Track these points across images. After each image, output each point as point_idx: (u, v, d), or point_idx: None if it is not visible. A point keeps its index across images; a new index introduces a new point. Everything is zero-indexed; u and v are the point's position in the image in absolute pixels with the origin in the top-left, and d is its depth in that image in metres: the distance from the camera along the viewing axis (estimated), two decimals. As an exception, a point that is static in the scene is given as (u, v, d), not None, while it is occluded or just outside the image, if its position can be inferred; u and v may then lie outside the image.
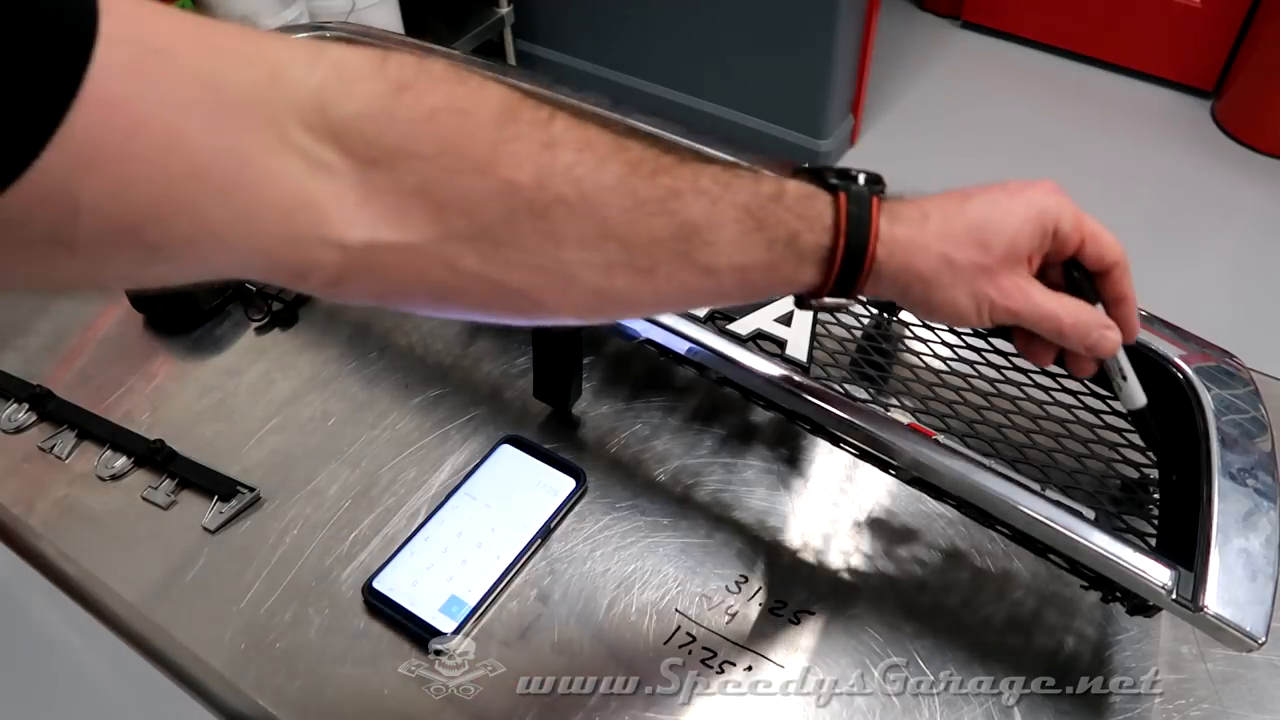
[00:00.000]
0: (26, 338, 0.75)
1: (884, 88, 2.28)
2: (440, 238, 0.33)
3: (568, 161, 0.34)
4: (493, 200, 0.34)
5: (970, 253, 0.41)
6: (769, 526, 0.62)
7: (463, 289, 0.35)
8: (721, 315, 0.59)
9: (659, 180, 0.37)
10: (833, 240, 0.39)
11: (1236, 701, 0.53)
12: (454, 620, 0.56)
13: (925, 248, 0.41)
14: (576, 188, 0.35)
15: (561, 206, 0.34)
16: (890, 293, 0.42)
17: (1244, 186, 2.07)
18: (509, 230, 0.34)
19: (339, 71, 0.31)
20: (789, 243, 0.39)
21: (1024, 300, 0.42)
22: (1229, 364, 0.55)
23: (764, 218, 0.38)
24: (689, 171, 0.37)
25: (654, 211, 0.36)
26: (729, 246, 0.38)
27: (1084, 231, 0.43)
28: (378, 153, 0.32)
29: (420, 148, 0.32)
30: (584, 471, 0.63)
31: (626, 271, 0.37)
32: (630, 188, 0.36)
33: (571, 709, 0.53)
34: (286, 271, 0.33)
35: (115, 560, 0.61)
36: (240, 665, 0.55)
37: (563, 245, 0.35)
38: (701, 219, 0.37)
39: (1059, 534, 0.47)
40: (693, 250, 0.37)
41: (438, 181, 0.33)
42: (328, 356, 0.73)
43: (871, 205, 0.40)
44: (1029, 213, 0.42)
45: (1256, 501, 0.48)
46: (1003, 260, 0.41)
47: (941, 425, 0.56)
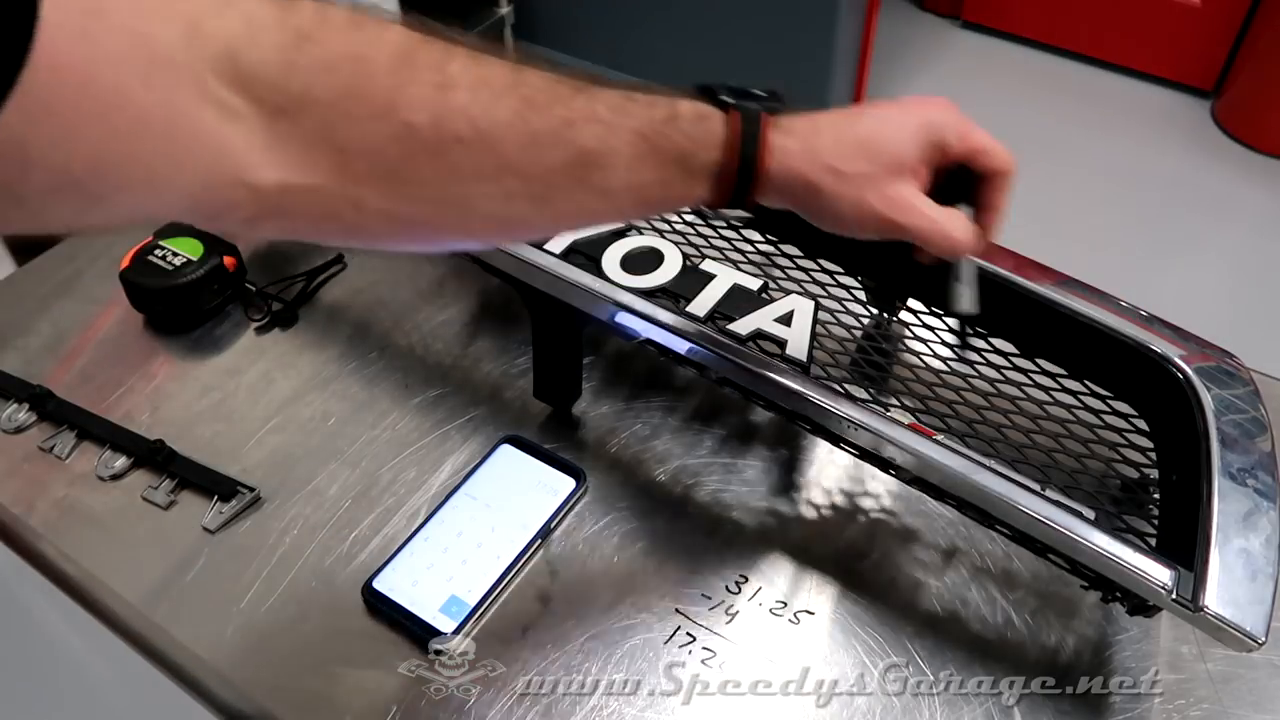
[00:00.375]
0: (26, 338, 0.75)
1: (884, 88, 2.28)
2: (344, 180, 0.35)
3: (463, 101, 0.36)
4: (392, 143, 0.35)
5: (858, 164, 0.44)
6: (769, 526, 0.62)
7: (369, 225, 0.38)
8: (722, 315, 0.59)
9: (555, 111, 0.38)
10: (725, 156, 0.42)
11: (1236, 701, 0.53)
12: (454, 620, 0.56)
13: (814, 159, 0.43)
14: (473, 126, 0.36)
15: (459, 145, 0.36)
16: (781, 202, 0.45)
17: (1244, 186, 2.07)
18: (409, 169, 0.36)
19: (248, 23, 0.33)
20: (683, 162, 0.42)
21: (910, 210, 0.44)
22: (1229, 364, 0.55)
23: (658, 140, 0.41)
24: (584, 100, 0.39)
25: (550, 143, 0.38)
26: (624, 170, 0.40)
27: (971, 144, 0.46)
28: (283, 101, 0.33)
29: (322, 95, 0.34)
30: (584, 471, 0.63)
31: (525, 199, 0.39)
32: (526, 122, 0.38)
33: (571, 709, 0.53)
34: (205, 213, 0.35)
35: (115, 560, 0.61)
36: (240, 665, 0.55)
37: (462, 180, 0.37)
38: (597, 146, 0.39)
39: (1059, 534, 0.47)
40: (589, 175, 0.40)
41: (339, 127, 0.34)
42: (328, 356, 0.73)
43: (762, 121, 0.43)
44: (915, 126, 0.45)
45: (1256, 501, 0.48)
46: (889, 171, 0.44)
47: (941, 425, 0.56)
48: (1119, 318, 0.57)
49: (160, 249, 0.74)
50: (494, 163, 0.38)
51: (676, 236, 0.65)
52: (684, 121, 0.42)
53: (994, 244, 0.57)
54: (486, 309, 0.77)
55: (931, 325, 0.62)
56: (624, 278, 0.60)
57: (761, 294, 0.60)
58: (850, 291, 0.64)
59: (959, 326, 0.62)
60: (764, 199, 0.44)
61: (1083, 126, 2.23)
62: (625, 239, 0.63)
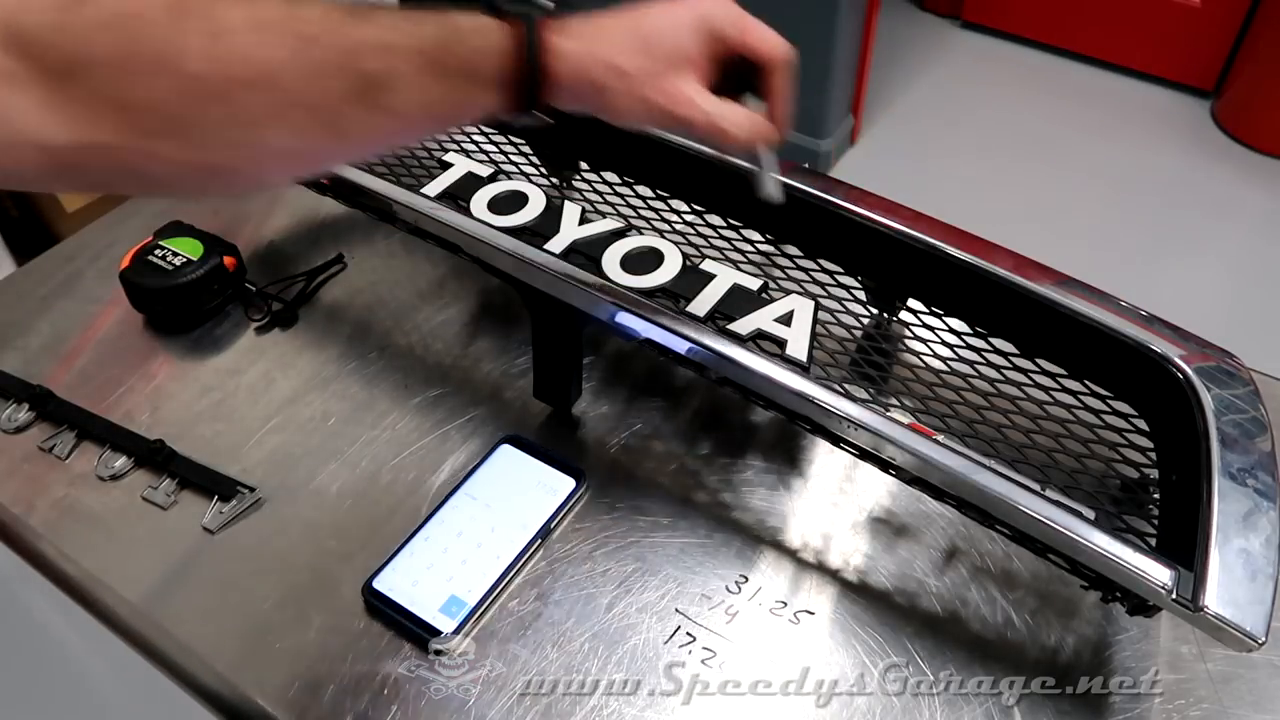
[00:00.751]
0: (26, 338, 0.75)
1: (884, 88, 2.28)
2: (134, 135, 0.36)
3: (240, 44, 0.37)
4: (174, 94, 0.36)
5: (638, 60, 0.45)
6: (769, 526, 0.62)
7: (168, 175, 0.39)
8: (722, 315, 0.59)
9: (333, 41, 0.39)
10: (509, 64, 0.43)
11: (1236, 701, 0.53)
12: (454, 620, 0.56)
13: (597, 59, 0.45)
14: (252, 67, 0.37)
15: (241, 87, 0.37)
16: (571, 103, 0.46)
17: (1244, 186, 2.07)
18: (197, 117, 0.37)
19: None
20: (468, 74, 0.42)
21: (689, 105, 0.46)
22: (1229, 364, 0.55)
23: (441, 56, 0.42)
24: (363, 27, 0.40)
25: (333, 72, 0.39)
26: (412, 89, 0.41)
27: (747, 36, 0.47)
28: (62, 62, 0.34)
29: (100, 54, 0.35)
30: (583, 472, 0.63)
31: (317, 130, 0.40)
32: (306, 55, 0.38)
33: (571, 709, 0.53)
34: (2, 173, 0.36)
35: (115, 560, 0.61)
36: (240, 665, 0.55)
37: (251, 122, 0.38)
38: (380, 69, 0.40)
39: (1059, 534, 0.47)
40: (377, 99, 0.40)
41: (120, 85, 0.36)
42: (328, 356, 0.73)
43: (541, 25, 0.44)
44: (691, 19, 0.46)
45: (1256, 501, 0.48)
46: (669, 66, 0.45)
47: (941, 425, 0.56)
48: (1119, 318, 0.57)
49: (160, 249, 0.74)
50: (280, 100, 0.38)
51: (676, 236, 0.65)
52: (465, 34, 0.43)
53: (996, 245, 0.57)
54: (486, 309, 0.77)
55: (931, 325, 0.62)
56: (624, 278, 0.60)
57: (761, 294, 0.60)
58: (850, 291, 0.64)
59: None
60: (555, 102, 0.45)
61: (1083, 126, 2.23)
62: (625, 239, 0.63)
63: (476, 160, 0.70)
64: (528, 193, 0.66)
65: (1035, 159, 2.15)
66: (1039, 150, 2.17)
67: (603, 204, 0.69)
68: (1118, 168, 2.12)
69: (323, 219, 0.85)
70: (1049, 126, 2.23)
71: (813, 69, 1.92)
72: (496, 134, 0.76)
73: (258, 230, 0.84)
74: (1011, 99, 2.32)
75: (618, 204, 0.69)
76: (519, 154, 0.75)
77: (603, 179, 0.72)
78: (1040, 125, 2.24)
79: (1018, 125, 2.25)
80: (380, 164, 0.70)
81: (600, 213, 0.66)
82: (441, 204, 0.65)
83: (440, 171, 0.69)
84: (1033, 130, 2.23)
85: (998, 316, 0.60)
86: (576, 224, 0.64)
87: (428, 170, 0.70)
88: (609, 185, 0.71)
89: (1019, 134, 2.22)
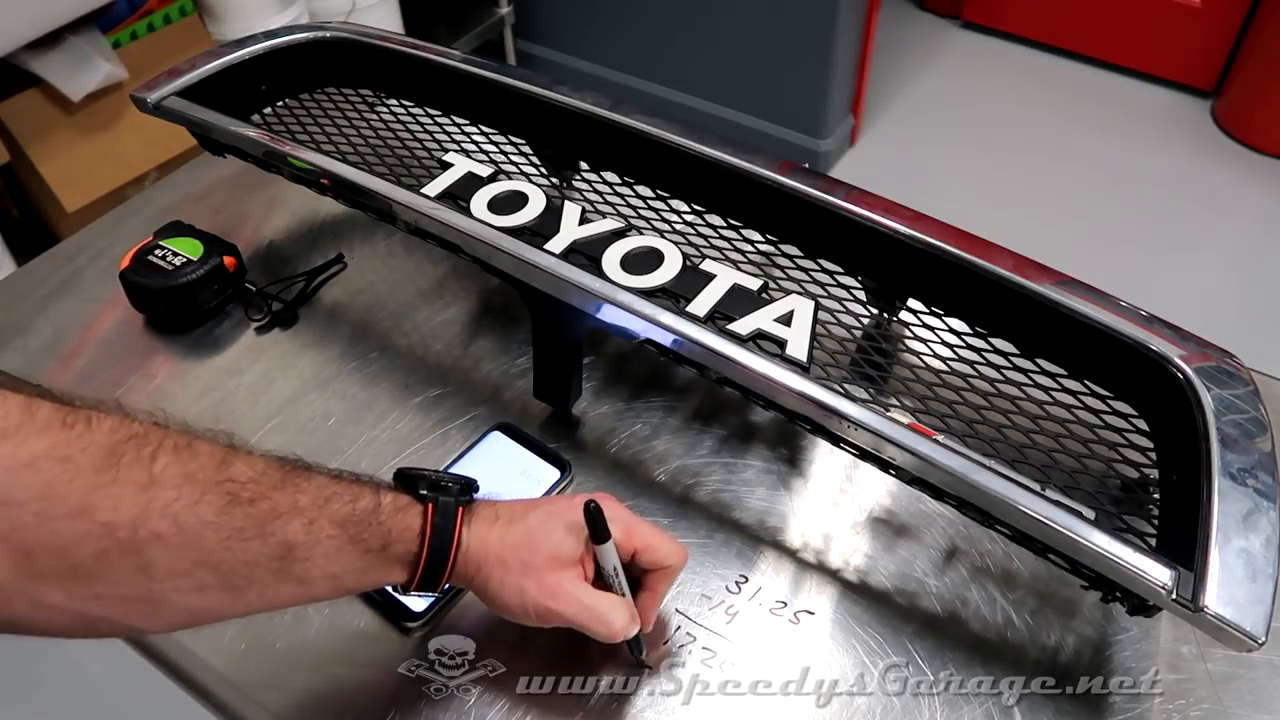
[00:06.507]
0: (26, 338, 0.75)
1: (884, 88, 2.28)
2: (24, 577, 0.35)
3: (166, 499, 0.37)
4: (84, 541, 0.35)
5: (521, 553, 0.48)
6: (769, 526, 0.62)
7: (47, 620, 0.37)
8: (722, 315, 0.59)
9: (259, 505, 0.40)
10: (419, 547, 0.46)
11: (1236, 701, 0.53)
12: (424, 601, 0.56)
13: (488, 547, 0.48)
14: (173, 523, 0.37)
15: (156, 542, 0.37)
16: (461, 583, 0.50)
17: (1244, 186, 2.07)
18: (99, 567, 0.36)
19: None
20: (381, 550, 0.45)
21: (564, 600, 0.48)
22: (1229, 364, 0.55)
23: (359, 531, 0.44)
24: (290, 492, 0.42)
25: (251, 536, 0.40)
26: (324, 559, 0.43)
27: (634, 542, 0.50)
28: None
29: (13, 494, 0.34)
30: (569, 463, 0.63)
31: (219, 591, 0.40)
32: (228, 517, 0.39)
33: (571, 709, 0.53)
34: None
35: (115, 560, 0.60)
36: (240, 665, 0.55)
37: (155, 576, 0.38)
38: (298, 538, 0.41)
39: (1059, 534, 0.47)
40: (288, 566, 0.41)
41: (28, 526, 0.34)
42: (328, 356, 0.73)
43: (456, 515, 0.47)
44: (572, 524, 0.49)
45: (1256, 501, 0.48)
46: (549, 562, 0.48)
47: (941, 425, 0.56)
48: (1119, 318, 0.57)
49: (160, 249, 0.74)
50: (192, 558, 0.38)
51: (676, 237, 0.65)
52: (386, 511, 0.45)
53: (996, 246, 0.57)
54: (486, 309, 0.77)
55: (931, 325, 0.62)
56: (624, 278, 0.60)
57: (761, 294, 0.60)
58: (850, 291, 0.64)
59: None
60: (449, 582, 0.48)
61: (1083, 126, 2.23)
62: (625, 239, 0.63)
63: (476, 160, 0.70)
64: (528, 193, 0.66)
65: (1035, 159, 2.15)
66: (1039, 150, 2.17)
67: (603, 204, 0.69)
68: (1117, 168, 2.12)
69: (323, 219, 0.85)
70: (1049, 126, 2.23)
71: (813, 69, 1.92)
72: (496, 134, 0.76)
73: (258, 230, 0.84)
74: (1012, 99, 2.32)
75: (618, 204, 0.69)
76: (519, 154, 0.75)
77: (603, 179, 0.72)
78: (1040, 125, 2.24)
79: (1018, 125, 2.25)
80: (380, 164, 0.70)
81: (600, 213, 0.66)
82: (442, 204, 0.65)
83: (440, 171, 0.69)
84: (1033, 130, 2.23)
85: (998, 316, 0.60)
86: (576, 224, 0.64)
87: (428, 170, 0.70)
88: (609, 185, 0.71)
89: (1019, 134, 2.22)
